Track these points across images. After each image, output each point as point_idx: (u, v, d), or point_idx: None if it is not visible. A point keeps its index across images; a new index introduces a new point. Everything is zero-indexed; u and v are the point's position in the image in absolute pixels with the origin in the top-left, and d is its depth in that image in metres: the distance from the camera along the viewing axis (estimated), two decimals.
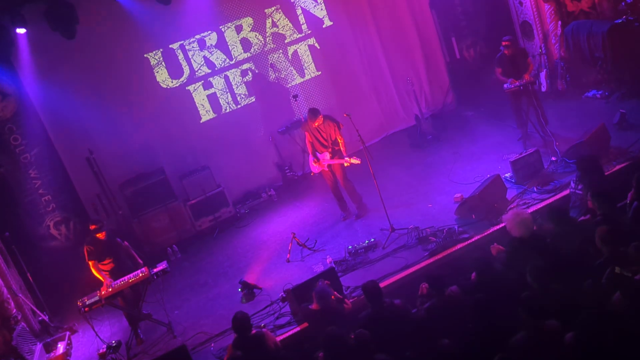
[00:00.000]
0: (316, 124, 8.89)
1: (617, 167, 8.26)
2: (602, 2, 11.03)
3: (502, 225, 6.75)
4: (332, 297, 6.56)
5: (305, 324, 7.06)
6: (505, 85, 9.64)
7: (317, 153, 9.14)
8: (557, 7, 11.29)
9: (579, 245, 6.44)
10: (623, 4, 10.42)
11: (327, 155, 9.06)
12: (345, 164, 8.95)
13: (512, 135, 10.24)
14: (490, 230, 7.76)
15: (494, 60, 10.08)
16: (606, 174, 8.18)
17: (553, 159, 9.00)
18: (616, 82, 10.57)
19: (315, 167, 9.28)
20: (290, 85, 11.67)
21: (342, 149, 9.10)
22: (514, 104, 9.91)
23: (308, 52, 11.74)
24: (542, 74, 11.37)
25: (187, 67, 11.07)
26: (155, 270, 7.82)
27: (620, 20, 10.33)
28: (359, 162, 8.81)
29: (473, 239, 7.77)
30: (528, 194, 8.39)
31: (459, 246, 7.73)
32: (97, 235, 7.86)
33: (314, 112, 8.89)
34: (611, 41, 10.23)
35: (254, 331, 6.35)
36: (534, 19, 11.54)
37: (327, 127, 9.02)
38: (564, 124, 10.11)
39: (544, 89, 11.36)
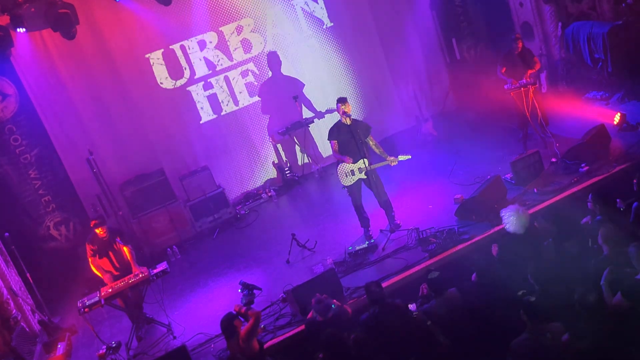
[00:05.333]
0: (347, 110, 7.99)
1: (618, 168, 8.26)
2: (603, 3, 11.04)
3: (502, 225, 6.73)
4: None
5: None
6: (505, 86, 9.63)
7: (351, 163, 8.18)
8: (557, 8, 11.30)
9: (579, 246, 6.48)
10: (623, 5, 10.43)
11: (366, 163, 8.16)
12: (392, 163, 8.09)
13: (512, 136, 10.24)
14: (491, 231, 7.76)
15: (498, 58, 10.04)
16: (606, 175, 8.21)
17: (553, 160, 9.00)
18: (616, 83, 10.58)
19: (349, 180, 8.32)
20: (290, 86, 11.66)
21: (378, 150, 8.33)
22: (515, 105, 9.91)
23: (308, 53, 11.73)
24: (543, 75, 11.37)
25: (188, 67, 11.07)
26: (155, 271, 7.81)
27: (620, 22, 10.34)
28: (410, 156, 8.22)
29: (473, 240, 7.76)
30: (528, 195, 8.39)
31: (459, 247, 7.72)
32: (97, 230, 7.84)
33: (342, 99, 8.11)
34: (611, 42, 10.24)
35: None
36: (534, 20, 11.55)
37: (359, 127, 8.21)
38: (564, 124, 10.11)
39: (544, 90, 11.36)
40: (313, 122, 11.68)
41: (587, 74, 11.17)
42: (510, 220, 6.45)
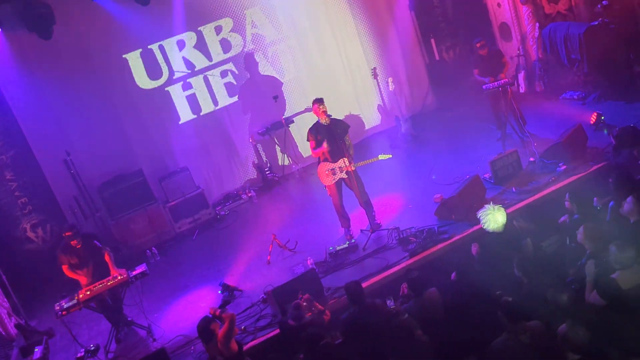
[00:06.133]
0: (324, 109, 8.02)
1: (594, 168, 8.36)
2: (579, 4, 11.19)
3: (481, 225, 6.78)
4: (310, 313, 6.45)
5: None
6: (484, 86, 9.72)
7: (328, 162, 8.26)
8: (534, 9, 11.43)
9: (559, 244, 6.57)
10: (599, 6, 10.58)
11: (346, 162, 8.20)
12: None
13: (491, 135, 10.33)
14: (470, 231, 7.81)
15: (471, 62, 10.20)
16: (584, 174, 8.32)
17: (531, 159, 9.09)
18: (592, 84, 10.73)
19: (330, 179, 8.33)
20: (270, 86, 11.63)
21: (350, 152, 8.33)
22: (493, 105, 10.02)
23: (288, 53, 11.72)
24: (521, 75, 11.49)
25: (166, 67, 10.99)
26: (134, 273, 7.74)
27: (596, 23, 10.48)
28: (391, 155, 8.33)
29: (453, 239, 7.81)
30: (507, 194, 8.46)
31: (439, 246, 7.76)
32: (72, 242, 7.74)
33: (318, 99, 8.13)
34: (587, 43, 10.38)
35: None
36: (512, 20, 11.67)
37: (338, 126, 8.23)
38: (542, 124, 10.21)
39: (522, 90, 11.48)
40: (293, 122, 11.66)
41: (564, 75, 11.33)
42: (487, 219, 6.50)
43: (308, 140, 8.37)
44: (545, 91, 11.33)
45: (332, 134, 8.13)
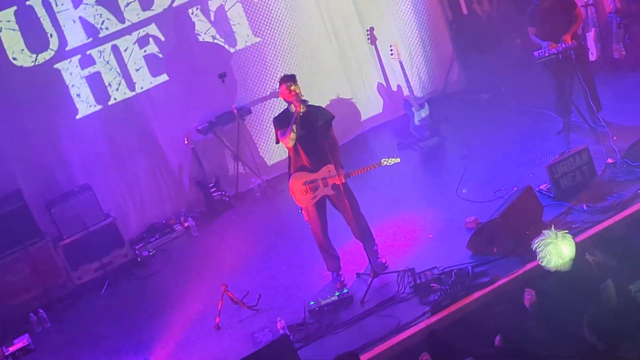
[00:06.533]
0: (297, 91, 8.01)
1: None
2: None
3: (537, 262, 6.81)
4: None
5: None
6: (535, 54, 9.76)
7: (306, 172, 8.29)
8: None
9: None
10: None
11: (332, 170, 8.21)
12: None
13: (548, 126, 10.43)
14: (521, 271, 7.84)
15: (525, 16, 10.24)
16: None
17: (609, 160, 9.16)
18: None
19: (308, 197, 8.32)
20: (214, 59, 11.66)
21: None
22: (552, 81, 10.08)
23: (241, 9, 11.76)
24: (590, 36, 11.59)
25: (55, 34, 10.97)
26: (11, 349, 7.68)
27: None
28: (399, 159, 8.45)
29: (495, 285, 7.84)
30: (575, 214, 8.52)
31: (474, 296, 7.79)
32: None
33: (288, 77, 8.13)
34: None
35: None
36: None
37: (319, 116, 8.27)
38: (624, 109, 10.32)
39: (593, 57, 11.57)
40: (250, 112, 11.67)
41: None
42: (547, 253, 6.53)
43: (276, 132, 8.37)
44: (628, 58, 11.44)
45: (309, 128, 8.17)
